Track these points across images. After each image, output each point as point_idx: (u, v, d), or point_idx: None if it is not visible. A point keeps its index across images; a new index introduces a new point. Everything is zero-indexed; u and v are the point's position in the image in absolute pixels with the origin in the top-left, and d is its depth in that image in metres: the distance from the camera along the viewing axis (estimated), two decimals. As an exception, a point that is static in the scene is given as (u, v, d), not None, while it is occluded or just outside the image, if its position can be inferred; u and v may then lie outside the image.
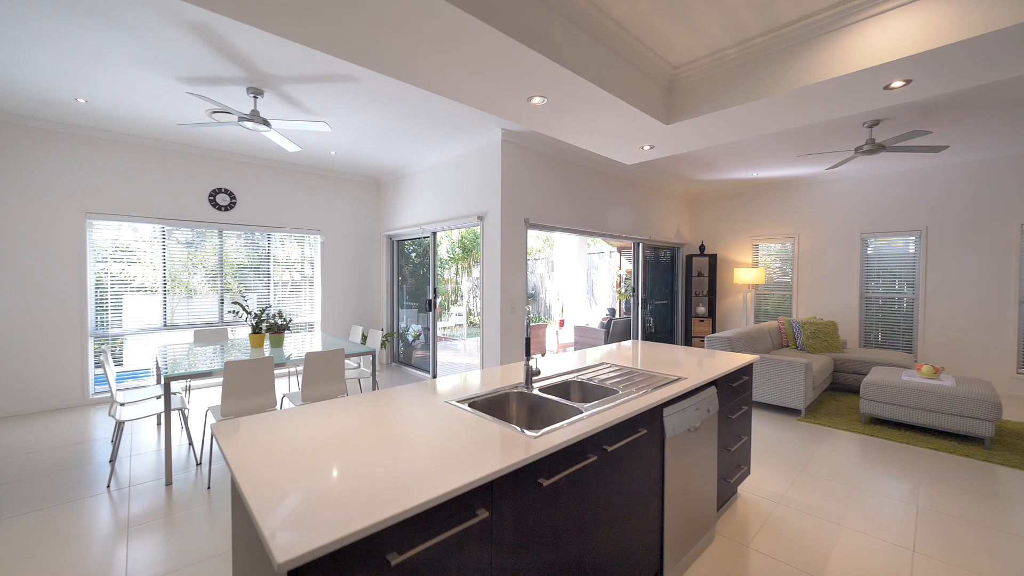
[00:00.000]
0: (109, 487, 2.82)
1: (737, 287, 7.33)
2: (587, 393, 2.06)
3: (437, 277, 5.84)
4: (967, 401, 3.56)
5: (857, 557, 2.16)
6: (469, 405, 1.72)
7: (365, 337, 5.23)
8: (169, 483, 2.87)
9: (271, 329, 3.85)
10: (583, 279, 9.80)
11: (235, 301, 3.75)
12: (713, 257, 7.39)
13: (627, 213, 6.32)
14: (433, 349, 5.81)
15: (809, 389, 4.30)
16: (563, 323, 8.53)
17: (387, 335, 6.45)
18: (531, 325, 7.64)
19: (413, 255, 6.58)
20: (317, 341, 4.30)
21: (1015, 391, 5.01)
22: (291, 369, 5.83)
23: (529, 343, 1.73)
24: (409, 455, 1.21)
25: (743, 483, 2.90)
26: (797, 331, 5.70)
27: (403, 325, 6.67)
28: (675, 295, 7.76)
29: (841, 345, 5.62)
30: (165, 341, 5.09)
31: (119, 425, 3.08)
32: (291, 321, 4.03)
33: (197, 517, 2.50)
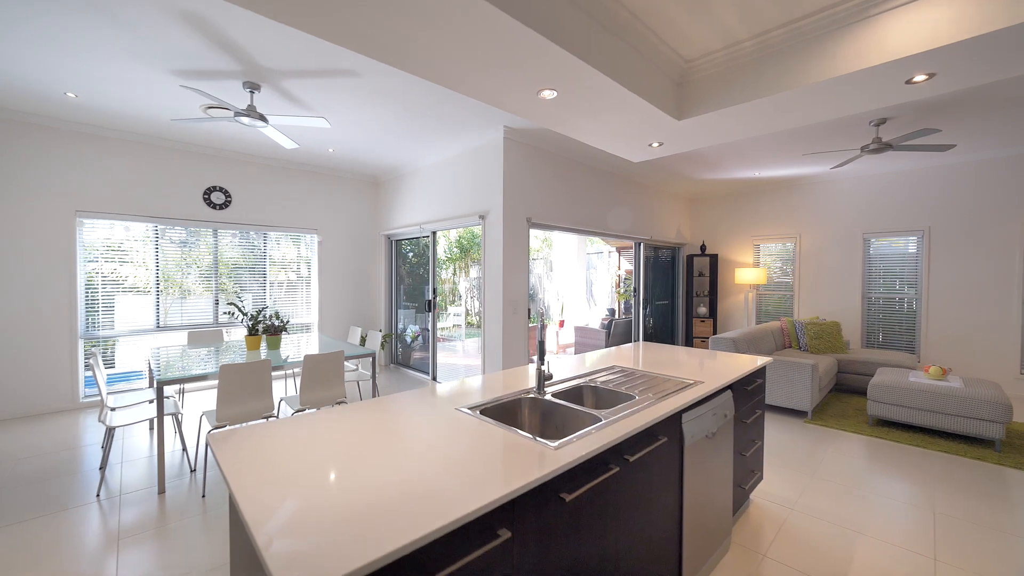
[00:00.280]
0: (99, 495, 2.71)
1: (738, 287, 7.29)
2: (601, 398, 1.98)
3: (435, 278, 5.74)
4: (977, 403, 3.52)
5: (878, 567, 2.09)
6: (480, 412, 1.63)
7: (364, 338, 5.13)
8: (162, 491, 2.76)
9: (268, 331, 3.75)
10: (582, 279, 9.74)
11: (231, 302, 3.64)
12: (714, 257, 7.34)
13: (628, 212, 6.25)
14: (433, 350, 5.71)
15: (816, 391, 4.25)
16: (563, 323, 8.46)
17: (386, 336, 6.35)
18: (533, 326, 7.55)
19: (410, 255, 6.49)
20: (315, 343, 4.20)
21: (1019, 391, 4.98)
22: (288, 371, 5.72)
23: (543, 347, 1.65)
24: (423, 470, 1.12)
25: (755, 489, 2.83)
26: (800, 332, 5.65)
27: (401, 326, 6.57)
28: (676, 295, 7.71)
29: (844, 346, 5.58)
30: (158, 343, 4.97)
31: (110, 431, 2.97)
32: (288, 322, 3.93)
33: (192, 527, 2.40)
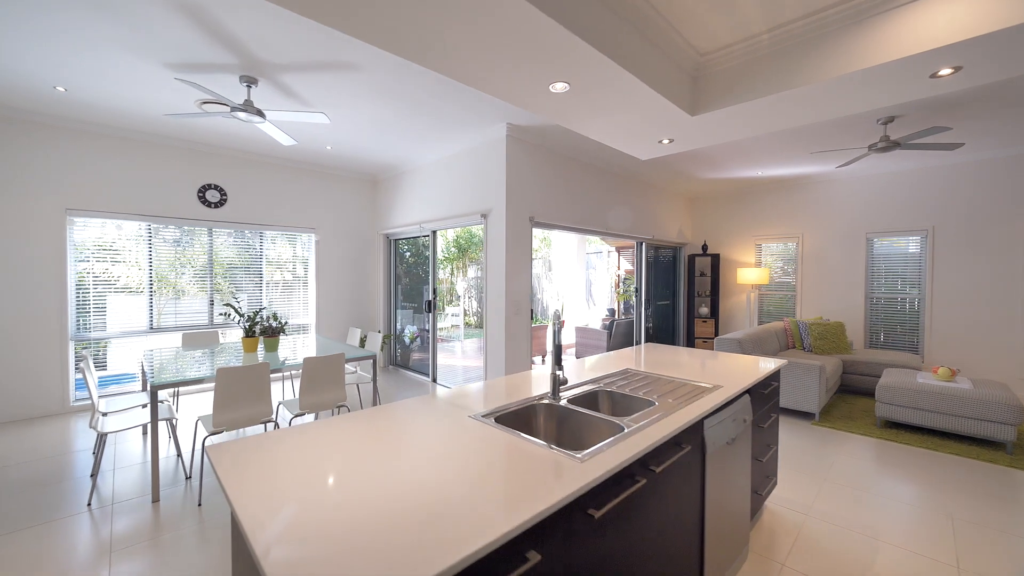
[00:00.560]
0: (90, 505, 2.60)
1: (740, 287, 7.24)
2: (617, 404, 1.90)
3: (436, 277, 5.65)
4: (988, 405, 3.47)
5: (901, 576, 2.03)
6: (495, 420, 1.55)
7: (364, 340, 5.03)
8: (156, 500, 2.65)
9: (265, 332, 3.64)
10: (582, 279, 9.67)
11: (227, 303, 3.53)
12: (716, 257, 7.29)
13: (630, 212, 6.19)
14: (433, 351, 5.62)
15: (823, 392, 4.20)
16: (563, 324, 8.38)
17: (386, 337, 6.25)
18: (536, 327, 7.46)
19: (407, 255, 6.40)
20: (312, 344, 4.10)
21: (1024, 392, 4.96)
22: (286, 374, 5.60)
23: (560, 350, 1.57)
24: (441, 486, 1.04)
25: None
26: (804, 332, 5.61)
27: (400, 327, 6.47)
28: (677, 295, 7.65)
29: (848, 346, 5.54)
30: (151, 345, 4.84)
31: (101, 437, 2.86)
32: (286, 324, 3.83)
33: (187, 538, 2.30)
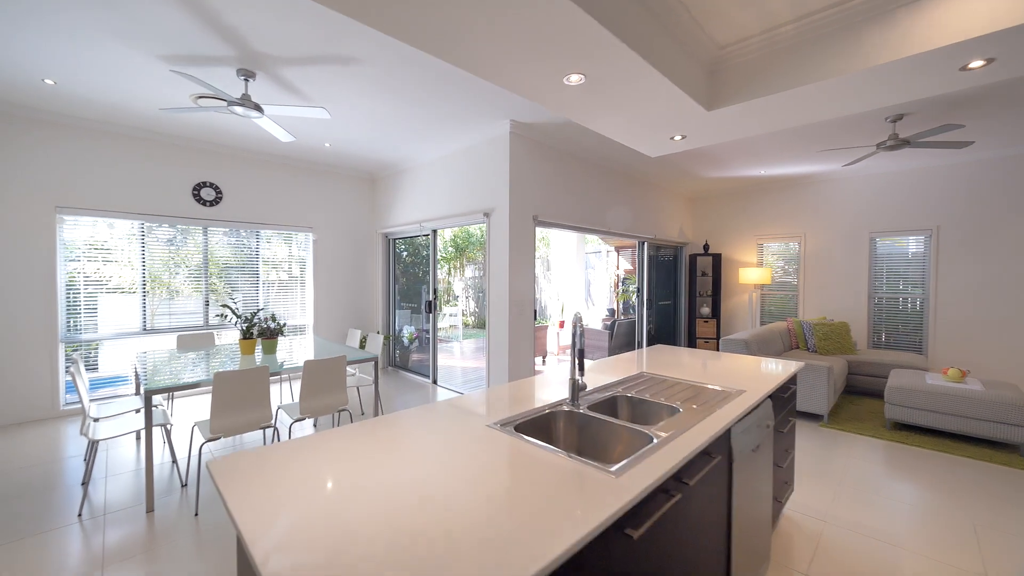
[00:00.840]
0: (81, 515, 2.49)
1: (742, 287, 7.19)
2: (638, 410, 1.82)
3: (436, 277, 5.55)
4: (1000, 406, 3.43)
5: (928, 586, 1.96)
6: (515, 429, 1.46)
7: (364, 341, 4.92)
8: (151, 509, 2.54)
9: (263, 334, 3.53)
10: (581, 279, 9.59)
11: (224, 304, 3.42)
12: (717, 256, 7.24)
13: (632, 211, 6.12)
14: (434, 352, 5.52)
15: (832, 393, 4.15)
16: (563, 324, 8.31)
17: (386, 338, 6.14)
18: (539, 327, 7.38)
19: (404, 254, 6.30)
20: (310, 346, 3.99)
21: (1029, 393, 4.93)
22: (283, 376, 5.48)
23: (583, 354, 1.48)
24: (468, 506, 0.95)
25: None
26: (808, 332, 5.56)
27: (399, 327, 6.37)
28: (678, 295, 7.60)
29: (853, 347, 5.50)
30: (145, 347, 4.71)
31: (93, 444, 2.75)
32: (285, 325, 3.72)
33: (184, 550, 2.20)
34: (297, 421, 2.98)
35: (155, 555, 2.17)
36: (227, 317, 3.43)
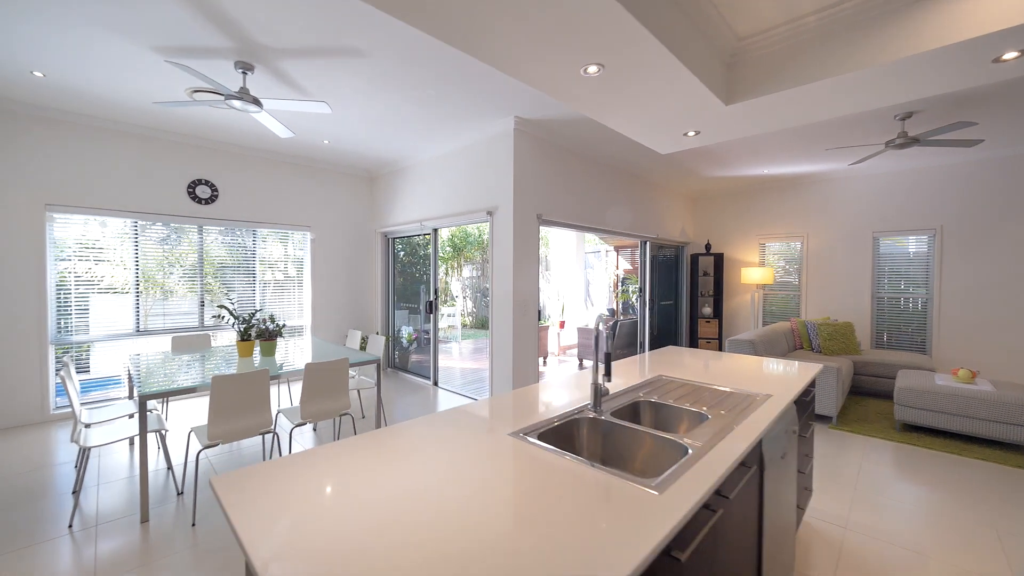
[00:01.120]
0: (71, 526, 2.37)
1: (744, 287, 7.15)
2: (662, 416, 1.74)
3: (437, 277, 5.45)
4: (1013, 408, 3.38)
5: (958, 596, 1.90)
6: (538, 437, 1.37)
7: (365, 342, 4.81)
8: (145, 519, 2.43)
9: (262, 335, 3.42)
10: (580, 279, 9.52)
11: (221, 305, 3.31)
12: (719, 256, 7.19)
13: (634, 210, 6.05)
14: (434, 353, 5.42)
15: (840, 394, 4.09)
16: (564, 324, 8.23)
17: (387, 339, 6.04)
18: (543, 327, 7.28)
19: (402, 254, 6.21)
20: (308, 347, 3.88)
21: (1034, 393, 4.91)
22: (282, 379, 5.36)
23: (609, 358, 1.40)
24: (501, 528, 0.86)
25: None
26: (813, 332, 5.52)
27: (399, 328, 6.26)
28: (679, 295, 7.54)
29: (857, 347, 5.46)
30: (138, 349, 4.58)
31: (84, 451, 2.63)
32: (284, 326, 3.61)
33: (181, 562, 2.09)
34: (298, 426, 2.88)
35: (150, 568, 2.06)
36: (224, 318, 3.32)
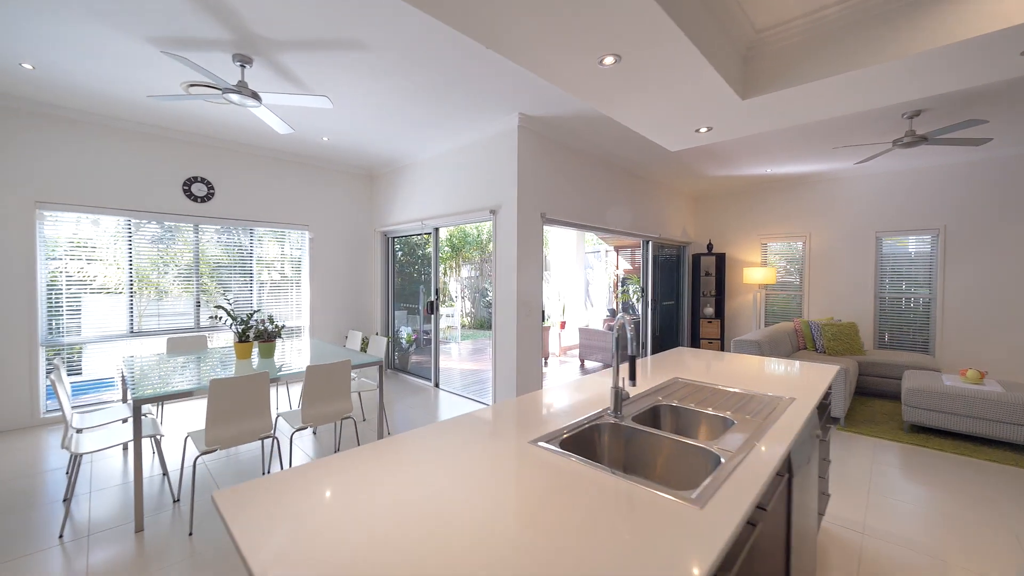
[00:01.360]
0: (62, 536, 2.28)
1: (746, 287, 7.11)
2: (683, 420, 1.67)
3: (438, 277, 5.37)
4: (1022, 408, 3.34)
5: (986, 606, 1.84)
6: (559, 445, 1.30)
7: (366, 343, 4.72)
8: (140, 529, 2.34)
9: (260, 336, 3.33)
10: (580, 279, 9.46)
11: (218, 305, 3.21)
12: (721, 256, 7.15)
13: (637, 209, 5.99)
14: (435, 355, 5.34)
15: (848, 396, 4.05)
16: (564, 325, 8.17)
17: (388, 340, 5.95)
18: (545, 327, 7.20)
19: (400, 253, 6.12)
20: (307, 349, 3.78)
21: (1039, 393, 4.88)
22: (280, 381, 5.26)
23: (634, 360, 1.32)
24: (543, 551, 0.79)
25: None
26: (816, 333, 5.48)
27: (399, 328, 6.17)
28: (681, 296, 7.49)
29: (861, 347, 5.43)
30: (132, 350, 4.47)
31: (75, 457, 2.53)
32: (283, 327, 3.52)
33: (178, 575, 2.00)
34: (299, 430, 2.79)
35: (145, 581, 1.97)
36: (221, 319, 3.23)
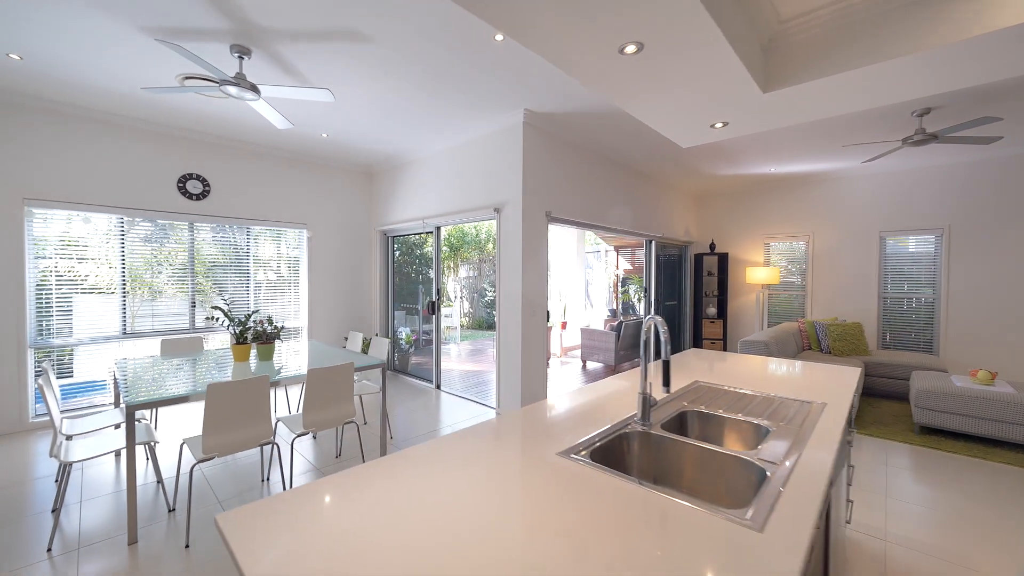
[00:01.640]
0: (51, 550, 2.16)
1: (749, 287, 7.06)
2: (712, 427, 1.59)
3: (439, 277, 5.27)
4: (1038, 410, 3.30)
5: (1020, 617, 1.77)
6: (590, 457, 1.21)
7: (367, 344, 4.61)
8: (133, 540, 2.22)
9: (259, 338, 3.22)
10: (581, 279, 9.39)
11: (215, 306, 3.10)
12: (724, 256, 7.09)
13: (640, 208, 5.92)
14: (437, 356, 5.24)
15: (858, 396, 3.99)
16: (565, 325, 8.09)
17: (390, 341, 5.85)
18: (548, 327, 7.13)
19: (398, 253, 6.02)
20: (306, 350, 3.67)
21: (1045, 394, 4.86)
22: (279, 383, 5.14)
23: (668, 367, 1.24)
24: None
25: (834, 515, 2.50)
26: (821, 333, 5.43)
27: (398, 329, 6.07)
28: (683, 295, 7.43)
29: (866, 347, 5.38)
30: (125, 352, 4.34)
31: (65, 464, 2.42)
32: (282, 328, 3.41)
33: (174, 591, 1.90)
34: (300, 436, 2.69)
35: (140, 598, 1.86)
36: (218, 320, 3.11)
